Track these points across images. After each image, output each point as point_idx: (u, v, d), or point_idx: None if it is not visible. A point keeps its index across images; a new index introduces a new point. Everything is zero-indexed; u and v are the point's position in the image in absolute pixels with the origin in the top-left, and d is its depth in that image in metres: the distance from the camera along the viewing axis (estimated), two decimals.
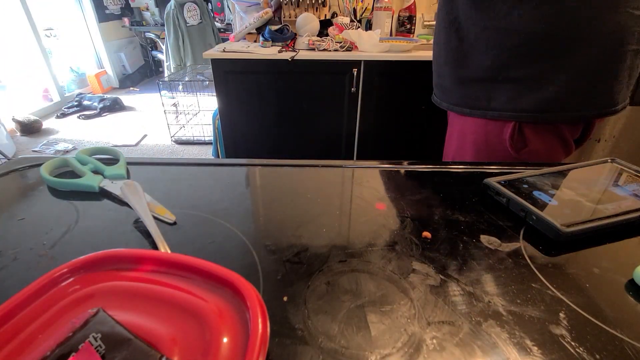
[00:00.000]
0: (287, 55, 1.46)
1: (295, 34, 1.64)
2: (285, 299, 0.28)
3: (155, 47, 4.70)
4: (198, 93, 2.94)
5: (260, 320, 0.22)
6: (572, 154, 0.74)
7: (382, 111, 1.60)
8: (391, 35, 1.75)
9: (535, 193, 0.41)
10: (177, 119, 2.89)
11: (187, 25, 3.22)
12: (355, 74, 1.50)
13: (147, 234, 0.36)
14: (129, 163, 0.51)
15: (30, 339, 0.23)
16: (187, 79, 2.84)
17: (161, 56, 4.20)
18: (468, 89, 0.70)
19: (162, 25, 3.78)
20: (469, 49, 0.66)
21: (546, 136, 0.68)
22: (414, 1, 1.67)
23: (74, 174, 0.47)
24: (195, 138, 2.70)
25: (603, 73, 0.59)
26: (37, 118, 2.97)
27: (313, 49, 1.54)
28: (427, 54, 1.46)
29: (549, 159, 0.71)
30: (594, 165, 0.47)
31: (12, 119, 2.83)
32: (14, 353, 0.22)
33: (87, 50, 4.10)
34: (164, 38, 3.65)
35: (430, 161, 0.52)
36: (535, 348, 0.24)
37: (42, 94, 3.49)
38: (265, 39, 1.58)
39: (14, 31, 3.22)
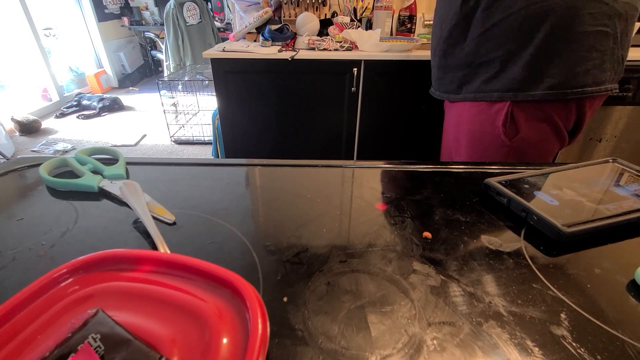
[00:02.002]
0: (287, 54, 1.45)
1: (295, 34, 1.64)
2: (285, 299, 0.28)
3: (154, 46, 4.70)
4: (197, 93, 2.94)
5: (260, 320, 0.22)
6: (573, 154, 0.75)
7: (382, 111, 1.60)
8: (391, 34, 1.75)
9: (536, 193, 0.41)
10: (177, 119, 2.89)
11: (187, 24, 3.21)
12: (355, 73, 1.49)
13: (146, 234, 0.35)
14: (128, 163, 0.51)
15: (30, 339, 0.23)
16: (186, 78, 2.83)
17: (161, 56, 4.19)
18: (455, 74, 0.77)
19: (162, 24, 3.77)
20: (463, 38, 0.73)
21: (537, 123, 0.69)
22: (415, 1, 1.67)
23: (73, 174, 0.46)
24: (194, 138, 2.69)
25: (560, 52, 0.64)
26: (36, 118, 2.97)
27: (313, 49, 1.54)
28: (427, 54, 1.45)
29: (542, 149, 0.72)
30: (595, 165, 0.47)
31: (11, 118, 2.83)
32: (13, 353, 0.22)
33: (86, 49, 4.09)
34: (163, 37, 3.64)
35: (430, 161, 0.52)
36: (536, 349, 0.24)
37: (41, 93, 3.48)
38: (265, 39, 1.58)
39: (13, 30, 3.21)
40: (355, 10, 1.76)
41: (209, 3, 4.10)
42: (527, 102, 0.68)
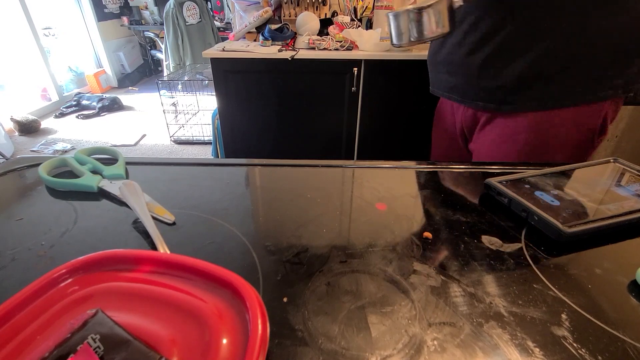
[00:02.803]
0: (287, 54, 1.45)
1: (295, 33, 1.63)
2: (285, 299, 0.28)
3: (154, 46, 4.69)
4: (197, 92, 2.93)
5: (259, 321, 0.22)
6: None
7: (382, 111, 1.60)
8: None
9: (537, 193, 0.41)
10: (177, 119, 2.88)
11: (187, 24, 3.21)
12: (355, 73, 1.49)
13: (146, 235, 0.35)
14: (127, 163, 0.50)
15: (29, 339, 0.23)
16: (186, 78, 2.83)
17: (160, 55, 4.19)
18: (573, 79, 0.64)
19: (162, 24, 3.77)
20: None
21: (609, 122, 0.68)
22: (415, 1, 1.67)
23: (72, 174, 0.46)
24: (194, 138, 2.69)
25: None
26: (36, 118, 2.96)
27: (313, 48, 1.54)
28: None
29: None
30: (596, 165, 0.47)
31: (11, 118, 2.82)
32: (12, 354, 0.22)
33: (85, 49, 4.09)
34: (163, 37, 3.64)
35: (430, 161, 0.51)
36: (537, 349, 0.24)
37: (40, 93, 3.48)
38: (265, 38, 1.58)
39: (12, 30, 3.21)
40: (355, 9, 1.75)
41: (208, 2, 4.10)
42: (618, 100, 0.66)
